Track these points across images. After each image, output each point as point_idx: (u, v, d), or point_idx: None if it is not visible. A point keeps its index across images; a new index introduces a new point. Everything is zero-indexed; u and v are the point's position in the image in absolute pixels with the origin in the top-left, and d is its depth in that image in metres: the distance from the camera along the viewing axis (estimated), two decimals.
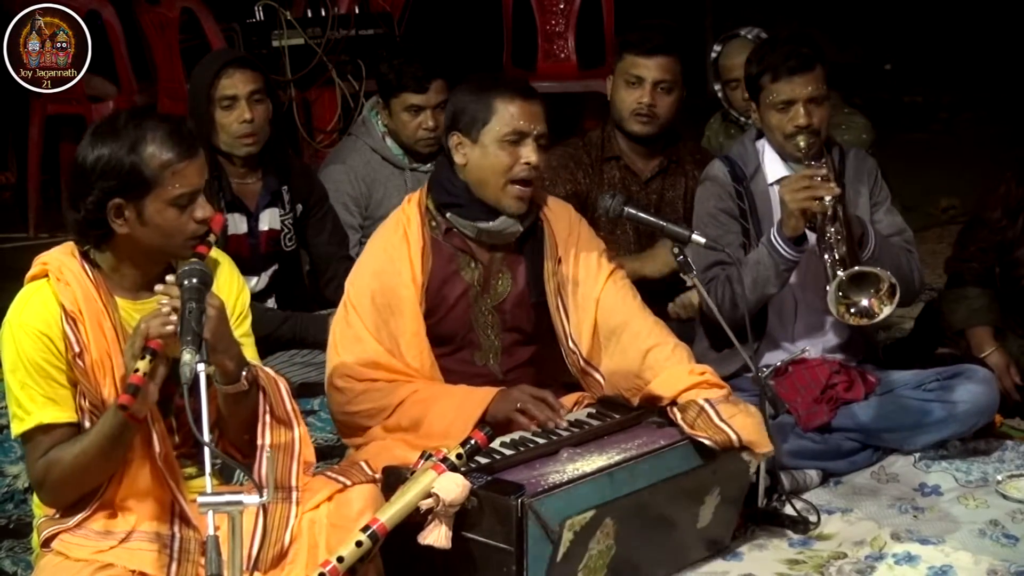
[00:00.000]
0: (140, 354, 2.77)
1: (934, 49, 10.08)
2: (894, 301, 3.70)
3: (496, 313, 3.74)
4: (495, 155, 3.59)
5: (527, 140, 3.59)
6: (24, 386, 2.91)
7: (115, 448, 2.88)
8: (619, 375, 3.68)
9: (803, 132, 3.99)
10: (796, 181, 3.90)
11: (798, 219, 3.87)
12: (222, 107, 4.42)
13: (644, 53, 4.58)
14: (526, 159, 3.58)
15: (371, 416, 3.58)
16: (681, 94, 4.65)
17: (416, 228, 3.68)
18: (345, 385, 3.60)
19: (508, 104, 3.58)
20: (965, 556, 3.59)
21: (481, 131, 3.59)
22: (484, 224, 3.66)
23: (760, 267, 3.95)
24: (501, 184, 3.60)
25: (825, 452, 4.07)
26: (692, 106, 4.78)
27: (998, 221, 4.55)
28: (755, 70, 4.09)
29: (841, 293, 3.71)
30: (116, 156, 2.86)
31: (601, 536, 3.24)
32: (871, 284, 3.72)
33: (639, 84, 4.58)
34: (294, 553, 2.96)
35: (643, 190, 4.67)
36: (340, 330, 3.66)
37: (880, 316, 3.74)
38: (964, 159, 8.39)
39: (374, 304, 3.61)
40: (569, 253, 3.75)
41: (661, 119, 4.61)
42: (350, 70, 6.43)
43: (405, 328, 3.62)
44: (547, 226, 3.77)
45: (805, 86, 4.00)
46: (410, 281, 3.63)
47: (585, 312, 3.72)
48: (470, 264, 3.71)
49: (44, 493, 3.00)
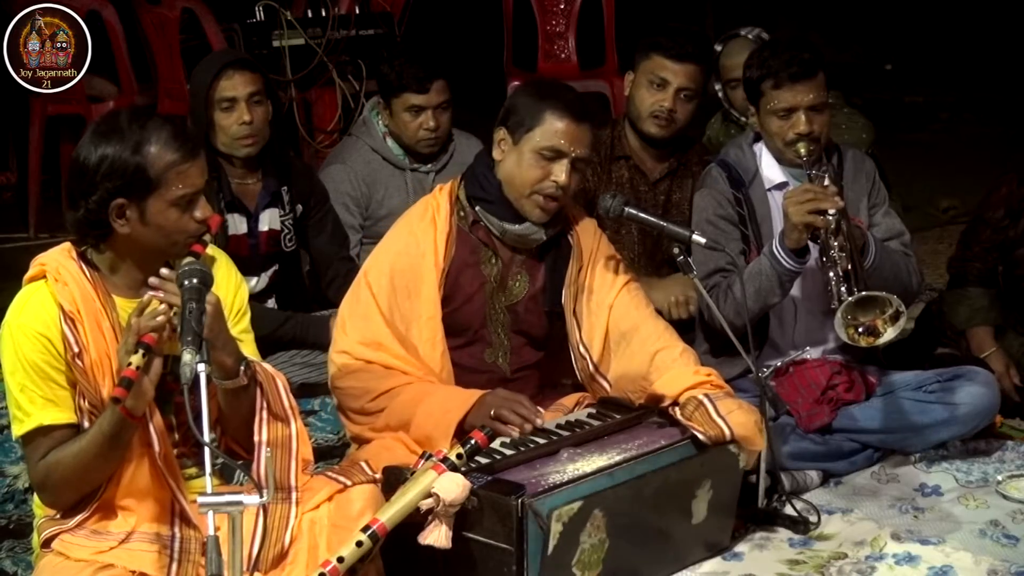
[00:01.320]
0: (133, 349, 2.77)
1: (935, 49, 10.08)
2: (898, 324, 3.69)
3: (508, 312, 3.75)
4: (528, 164, 3.60)
5: (563, 160, 3.58)
6: (23, 388, 2.92)
7: (114, 447, 2.88)
8: (627, 378, 3.69)
9: (804, 139, 3.97)
10: (800, 194, 3.87)
11: (801, 232, 3.85)
12: (221, 109, 4.41)
13: (674, 58, 4.50)
14: (555, 177, 3.58)
15: (357, 396, 3.59)
16: (698, 103, 4.62)
17: (444, 215, 3.70)
18: (343, 362, 3.61)
19: (557, 120, 3.58)
20: (965, 556, 3.59)
21: (524, 136, 3.60)
22: (510, 225, 3.67)
23: (762, 277, 3.94)
24: (526, 193, 3.61)
25: (825, 453, 4.07)
26: None
27: (1001, 221, 4.56)
28: (756, 75, 4.05)
29: (849, 316, 3.70)
30: (120, 156, 2.87)
31: (592, 529, 3.24)
32: (878, 305, 3.70)
33: (663, 87, 4.51)
34: (294, 553, 2.96)
35: (651, 190, 4.65)
36: (350, 307, 3.67)
37: (885, 337, 3.72)
38: (964, 159, 8.39)
39: (392, 284, 3.63)
40: (589, 263, 3.78)
41: (677, 125, 4.57)
42: (351, 70, 6.44)
43: (421, 311, 3.63)
44: (575, 237, 3.79)
45: (807, 93, 3.98)
46: (432, 265, 3.65)
47: (598, 318, 3.74)
48: (491, 259, 3.72)
49: (46, 495, 3.00)
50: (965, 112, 9.95)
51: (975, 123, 9.69)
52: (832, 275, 3.77)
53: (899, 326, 3.69)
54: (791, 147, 4.00)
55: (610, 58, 7.17)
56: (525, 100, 3.65)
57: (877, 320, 3.71)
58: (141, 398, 2.82)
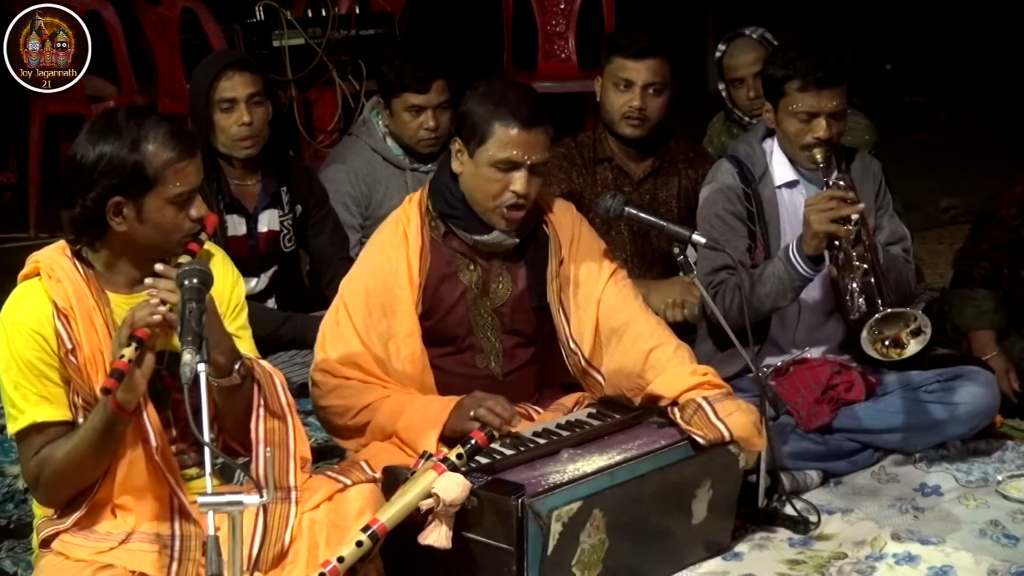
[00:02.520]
0: (127, 342, 2.77)
1: (935, 49, 10.08)
2: (922, 337, 3.69)
3: (496, 315, 3.73)
4: (485, 177, 3.54)
5: (519, 170, 3.53)
6: (17, 385, 2.92)
7: (106, 442, 2.88)
8: (621, 375, 3.67)
9: (821, 145, 3.96)
10: (822, 201, 3.84)
11: (821, 240, 3.84)
12: (221, 109, 4.41)
13: (632, 56, 4.50)
14: (514, 188, 3.53)
15: (339, 414, 3.58)
16: (672, 93, 4.60)
17: (416, 228, 3.67)
18: (321, 379, 3.60)
19: (507, 129, 3.50)
20: (965, 556, 3.59)
21: (477, 149, 3.54)
22: (479, 236, 3.64)
23: (774, 280, 3.93)
24: (490, 206, 3.58)
25: (826, 453, 4.07)
26: (692, 106, 4.75)
27: (1012, 220, 4.55)
28: (780, 74, 4.00)
29: (876, 331, 3.70)
30: (118, 154, 2.87)
31: (591, 529, 3.24)
32: (902, 319, 3.70)
33: (629, 87, 4.51)
34: (294, 553, 2.96)
35: (635, 191, 4.64)
36: (329, 327, 3.65)
37: (909, 350, 3.72)
38: (965, 159, 8.39)
39: (368, 304, 3.60)
40: (571, 254, 3.74)
41: (651, 121, 4.57)
42: (351, 70, 6.44)
43: (399, 328, 3.61)
44: (550, 228, 3.75)
45: (831, 99, 3.95)
46: (406, 282, 3.62)
47: (587, 313, 3.71)
48: (469, 266, 3.70)
49: (39, 492, 3.00)
50: (965, 112, 9.95)
51: (975, 123, 9.68)
52: (853, 284, 3.77)
53: (924, 339, 3.70)
54: (807, 151, 3.98)
55: None
56: (475, 108, 3.56)
57: (901, 333, 3.71)
58: (133, 392, 2.82)
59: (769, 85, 4.07)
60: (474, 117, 3.55)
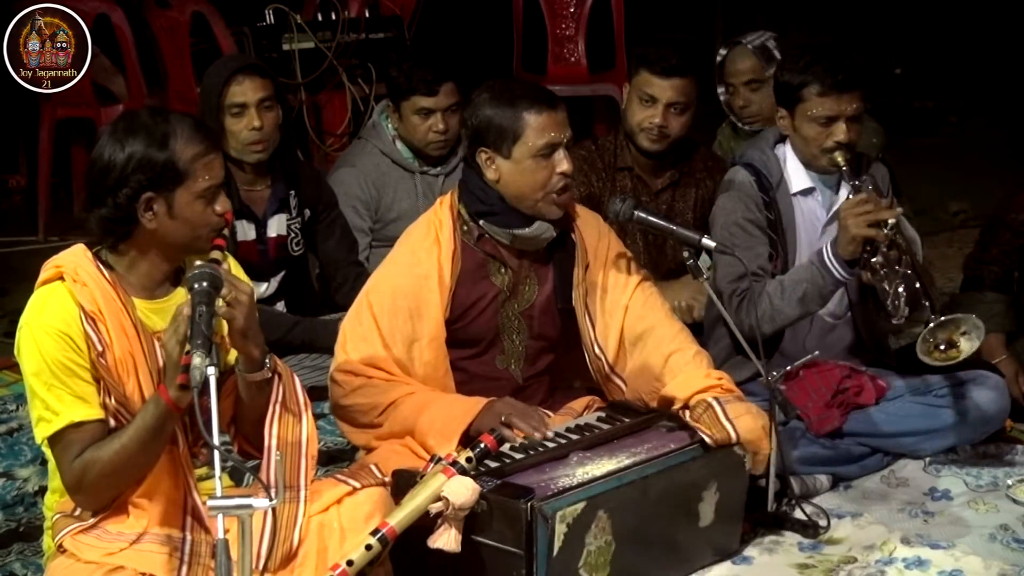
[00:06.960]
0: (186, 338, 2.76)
1: (944, 53, 10.06)
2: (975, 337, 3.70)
3: (523, 319, 3.73)
4: (531, 170, 3.57)
5: (559, 150, 3.57)
6: (51, 387, 2.90)
7: (156, 440, 2.88)
8: (640, 378, 3.68)
9: (841, 148, 3.94)
10: (857, 205, 3.83)
11: (858, 244, 3.82)
12: (231, 114, 4.42)
13: (659, 73, 4.45)
14: (561, 169, 3.57)
15: (364, 412, 3.58)
16: (694, 111, 4.57)
17: (448, 232, 3.67)
18: (343, 379, 3.60)
19: (538, 116, 3.55)
20: (975, 560, 3.59)
21: (513, 147, 3.56)
22: (519, 231, 3.64)
23: (806, 285, 3.91)
24: (541, 196, 3.59)
25: (835, 457, 4.07)
26: (702, 112, 4.73)
27: (1022, 224, 4.54)
28: (796, 80, 3.98)
29: (931, 339, 3.70)
30: (148, 150, 2.90)
31: (597, 531, 3.24)
32: (953, 323, 3.70)
33: (652, 103, 4.47)
34: (303, 555, 2.96)
35: (653, 200, 4.62)
36: (351, 327, 3.65)
37: (965, 351, 3.73)
38: (974, 163, 8.38)
39: (395, 305, 3.60)
40: (598, 260, 3.76)
41: (672, 138, 4.53)
42: (360, 74, 6.45)
43: (424, 332, 3.61)
44: (577, 234, 3.76)
45: (851, 103, 3.93)
46: (436, 286, 3.62)
47: (613, 318, 3.72)
48: (500, 270, 3.70)
49: (81, 495, 2.97)
50: (974, 116, 9.93)
51: (984, 127, 9.67)
52: (897, 288, 3.75)
53: (976, 338, 3.71)
54: (828, 155, 3.96)
55: (620, 61, 7.15)
56: (493, 112, 3.57)
57: (953, 335, 3.71)
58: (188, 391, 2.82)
59: (783, 92, 4.05)
60: (497, 120, 3.56)
